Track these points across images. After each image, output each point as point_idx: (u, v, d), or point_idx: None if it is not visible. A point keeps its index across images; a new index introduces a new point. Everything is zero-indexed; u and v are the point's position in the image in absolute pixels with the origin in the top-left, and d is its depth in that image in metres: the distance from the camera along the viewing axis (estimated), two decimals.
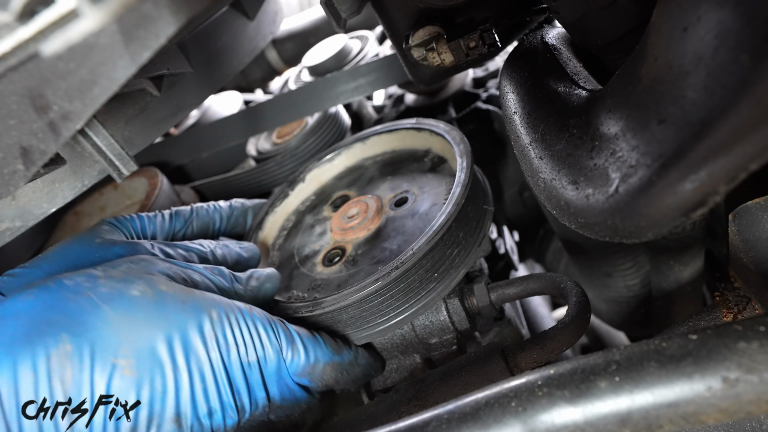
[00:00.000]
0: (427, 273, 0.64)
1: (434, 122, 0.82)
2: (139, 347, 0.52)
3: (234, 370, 0.56)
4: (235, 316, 0.57)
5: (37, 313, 0.51)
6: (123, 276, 0.55)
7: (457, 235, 0.66)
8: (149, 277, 0.56)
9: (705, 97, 0.37)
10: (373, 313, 0.64)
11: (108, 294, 0.53)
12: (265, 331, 0.58)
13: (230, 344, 0.56)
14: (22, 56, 0.35)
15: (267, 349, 0.58)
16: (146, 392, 0.51)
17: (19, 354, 0.48)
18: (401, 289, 0.63)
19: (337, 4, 0.62)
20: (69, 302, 0.52)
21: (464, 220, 0.67)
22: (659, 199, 0.39)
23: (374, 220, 0.75)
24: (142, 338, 0.52)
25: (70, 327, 0.50)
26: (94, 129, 0.56)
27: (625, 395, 0.36)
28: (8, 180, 0.44)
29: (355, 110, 1.21)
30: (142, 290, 0.54)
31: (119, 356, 0.51)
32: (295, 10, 1.79)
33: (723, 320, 0.61)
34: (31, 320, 0.50)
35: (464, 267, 0.66)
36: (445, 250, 0.65)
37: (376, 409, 0.61)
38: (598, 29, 0.57)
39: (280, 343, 0.59)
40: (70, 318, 0.51)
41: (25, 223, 0.64)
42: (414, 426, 0.41)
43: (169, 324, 0.53)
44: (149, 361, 0.52)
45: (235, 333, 0.57)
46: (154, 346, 0.52)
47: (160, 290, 0.55)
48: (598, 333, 1.35)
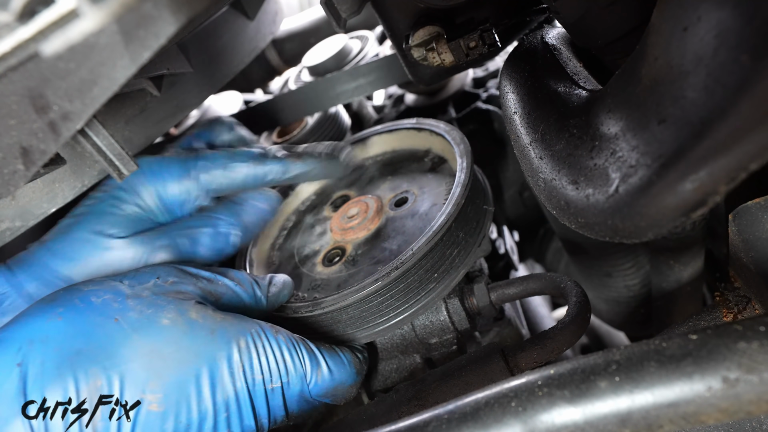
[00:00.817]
0: (426, 273, 0.64)
1: (434, 122, 0.82)
2: (167, 381, 0.51)
3: (258, 396, 0.56)
4: (263, 343, 0.57)
5: (66, 340, 0.49)
6: (152, 299, 0.54)
7: (457, 236, 0.66)
8: (179, 302, 0.55)
9: (705, 97, 0.37)
10: (373, 313, 0.64)
11: (137, 321, 0.52)
12: (291, 357, 0.58)
13: (256, 373, 0.56)
14: (22, 56, 0.35)
15: (291, 375, 0.58)
16: (170, 424, 0.51)
17: (49, 388, 0.47)
18: (401, 289, 0.63)
19: (337, 4, 0.62)
20: (98, 329, 0.51)
21: (464, 221, 0.67)
22: (659, 199, 0.39)
23: (374, 220, 0.75)
24: (171, 372, 0.51)
25: (100, 359, 0.49)
26: (94, 129, 0.56)
27: (625, 395, 0.36)
28: (8, 180, 0.44)
29: (355, 110, 1.21)
30: (172, 319, 0.53)
31: (147, 391, 0.50)
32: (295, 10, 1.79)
33: (723, 320, 0.61)
34: (61, 348, 0.49)
35: (464, 267, 0.66)
36: (445, 251, 0.65)
37: (376, 409, 0.61)
38: (598, 29, 0.57)
39: (304, 369, 0.59)
40: (99, 349, 0.50)
41: (25, 223, 0.64)
42: (414, 426, 0.41)
43: (198, 357, 0.53)
44: (176, 395, 0.51)
45: (261, 362, 0.56)
46: (181, 380, 0.52)
47: (190, 319, 0.54)
48: (598, 333, 1.35)
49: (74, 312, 0.51)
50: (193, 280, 0.59)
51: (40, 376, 0.47)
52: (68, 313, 0.51)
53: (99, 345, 0.50)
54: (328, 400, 0.61)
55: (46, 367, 0.48)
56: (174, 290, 0.57)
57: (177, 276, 0.58)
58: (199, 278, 0.60)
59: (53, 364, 0.48)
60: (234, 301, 0.61)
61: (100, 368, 0.49)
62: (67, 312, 0.51)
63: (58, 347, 0.49)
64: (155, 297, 0.55)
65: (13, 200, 0.65)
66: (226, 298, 0.61)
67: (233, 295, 0.61)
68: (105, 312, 0.52)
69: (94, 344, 0.50)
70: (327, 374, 0.60)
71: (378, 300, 0.63)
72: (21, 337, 0.49)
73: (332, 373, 0.60)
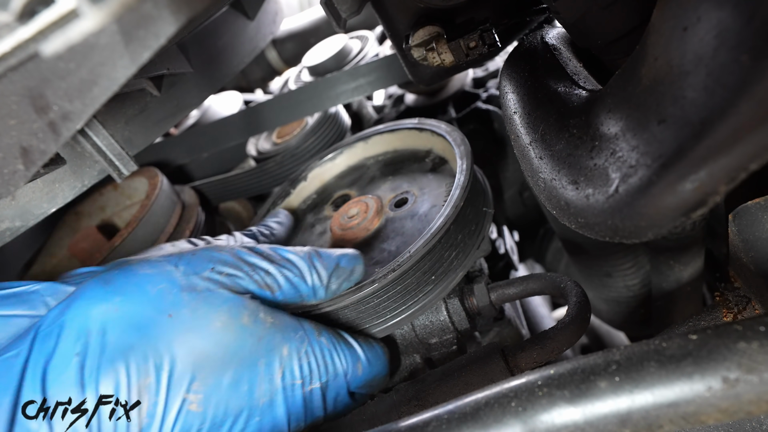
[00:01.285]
0: (424, 275, 0.64)
1: (436, 123, 0.82)
2: (209, 383, 0.52)
3: (294, 401, 0.56)
4: (305, 349, 0.57)
5: (121, 333, 0.51)
6: (206, 294, 0.54)
7: (456, 238, 0.66)
8: (232, 302, 0.55)
9: (705, 97, 0.37)
10: (370, 315, 0.64)
11: (190, 321, 0.53)
12: (331, 359, 0.58)
13: (296, 377, 0.56)
14: (22, 56, 0.35)
15: (330, 375, 0.58)
16: (206, 426, 0.52)
17: (103, 380, 0.49)
18: (398, 291, 0.63)
19: (337, 4, 0.62)
20: (151, 325, 0.52)
21: (463, 223, 0.67)
22: (659, 199, 0.39)
23: (374, 220, 0.75)
24: (215, 375, 0.52)
25: (152, 356, 0.51)
26: (94, 129, 0.56)
27: (625, 395, 0.36)
28: (8, 180, 0.44)
29: (355, 110, 1.21)
30: (224, 322, 0.54)
31: (191, 392, 0.51)
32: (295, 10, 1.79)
33: (723, 320, 0.61)
34: (116, 342, 0.50)
35: (462, 269, 0.66)
36: (443, 253, 0.65)
37: (376, 409, 0.61)
38: (598, 29, 0.57)
39: (344, 366, 0.59)
40: (152, 346, 0.51)
41: (25, 223, 0.64)
42: (414, 426, 0.41)
43: (242, 363, 0.54)
44: (216, 398, 0.52)
45: (302, 366, 0.57)
46: (223, 383, 0.53)
47: (241, 325, 0.54)
48: (598, 333, 1.35)
49: (130, 303, 0.52)
50: (249, 271, 0.58)
51: (96, 367, 0.49)
52: (125, 305, 0.52)
53: (151, 342, 0.51)
54: (365, 391, 0.63)
55: (102, 360, 0.49)
56: (229, 283, 0.56)
57: (233, 267, 0.58)
58: (257, 269, 0.58)
59: (108, 357, 0.49)
60: (289, 294, 0.60)
61: (152, 366, 0.50)
62: (123, 303, 0.52)
63: (113, 340, 0.50)
64: (209, 293, 0.55)
65: (13, 200, 0.65)
66: (282, 291, 0.60)
67: (290, 287, 0.60)
68: (159, 306, 0.53)
69: (147, 340, 0.51)
70: (366, 366, 0.61)
71: (375, 302, 0.63)
72: (79, 325, 0.51)
73: (371, 364, 0.61)
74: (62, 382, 0.48)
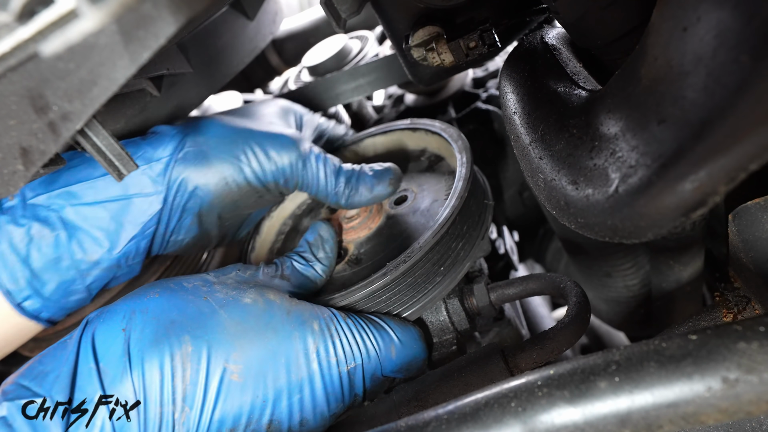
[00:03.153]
0: (433, 267, 0.65)
1: (429, 121, 0.82)
2: (248, 354, 0.55)
3: (333, 379, 0.58)
4: (335, 326, 0.59)
5: (162, 312, 0.56)
6: (235, 284, 0.60)
7: (461, 229, 0.67)
8: (258, 286, 0.61)
9: (705, 97, 0.37)
10: (381, 309, 0.65)
11: (224, 300, 0.58)
12: (362, 338, 0.60)
13: (330, 356, 0.58)
14: (22, 56, 0.35)
15: (365, 356, 0.59)
16: (248, 397, 0.54)
17: (147, 351, 0.53)
18: (408, 283, 0.64)
19: (337, 4, 0.62)
20: (190, 304, 0.57)
21: (467, 214, 0.68)
22: (659, 200, 0.39)
23: (375, 218, 0.75)
24: (252, 346, 0.55)
25: (191, 329, 0.55)
26: (93, 129, 0.56)
27: (625, 395, 0.36)
28: (8, 180, 0.44)
29: (355, 110, 1.21)
30: (253, 298, 0.59)
31: (230, 361, 0.54)
32: (295, 10, 1.79)
33: (723, 320, 0.61)
34: (158, 318, 0.55)
35: (469, 260, 0.67)
36: (450, 244, 0.66)
37: (376, 409, 0.61)
38: (598, 29, 0.57)
39: (377, 348, 0.60)
40: (191, 320, 0.55)
41: None
42: (414, 426, 0.41)
43: (276, 335, 0.57)
44: (255, 369, 0.55)
45: (336, 344, 0.58)
46: (261, 355, 0.55)
47: (268, 300, 0.59)
48: (598, 333, 1.35)
49: (169, 291, 0.58)
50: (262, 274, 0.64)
51: (140, 339, 0.53)
52: (164, 292, 0.58)
53: (190, 317, 0.55)
54: (402, 375, 0.63)
55: (146, 333, 0.54)
56: (252, 279, 0.63)
57: (252, 269, 0.65)
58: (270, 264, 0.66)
59: (152, 330, 0.54)
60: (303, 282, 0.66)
61: (192, 336, 0.54)
62: (163, 291, 0.58)
63: (155, 317, 0.55)
64: (238, 283, 0.61)
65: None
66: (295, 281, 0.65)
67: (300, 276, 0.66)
68: (195, 292, 0.58)
69: (186, 316, 0.55)
70: (400, 348, 0.62)
71: (386, 295, 0.64)
72: (125, 308, 0.56)
73: (405, 346, 0.62)
74: (112, 354, 0.52)
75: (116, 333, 0.54)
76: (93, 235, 0.64)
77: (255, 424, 0.54)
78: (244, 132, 0.72)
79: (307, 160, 0.73)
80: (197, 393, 0.52)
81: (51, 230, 0.62)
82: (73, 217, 0.64)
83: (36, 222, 0.62)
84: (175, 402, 0.52)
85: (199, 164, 0.69)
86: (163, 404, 0.51)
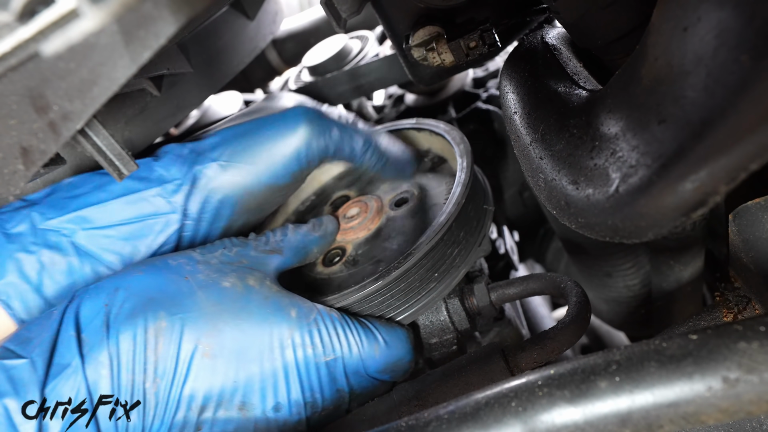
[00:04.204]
0: (427, 272, 0.64)
1: (434, 122, 0.82)
2: (221, 336, 0.56)
3: (308, 370, 0.58)
4: (314, 317, 0.60)
5: (143, 289, 0.57)
6: (219, 266, 0.61)
7: (458, 235, 0.66)
8: (240, 270, 0.61)
9: (705, 97, 0.37)
10: (374, 313, 0.64)
11: (204, 281, 0.59)
12: (344, 331, 0.60)
13: (306, 346, 0.58)
14: (22, 56, 0.35)
15: (344, 349, 0.59)
16: (219, 379, 0.55)
17: (124, 324, 0.54)
18: (401, 288, 0.63)
19: (337, 4, 0.62)
20: (170, 284, 0.58)
21: (465, 220, 0.67)
22: (659, 199, 0.39)
23: (374, 220, 0.75)
24: (226, 327, 0.56)
25: (168, 307, 0.56)
26: (94, 129, 0.56)
27: (626, 395, 0.36)
28: (8, 180, 0.44)
29: (355, 110, 1.21)
30: (232, 282, 0.59)
31: (202, 338, 0.55)
32: (295, 10, 1.79)
33: (723, 320, 0.61)
34: (138, 295, 0.57)
35: (465, 266, 0.66)
36: (446, 250, 0.65)
37: (376, 409, 0.61)
38: (598, 29, 0.57)
39: (359, 343, 0.60)
40: (169, 298, 0.57)
41: None
42: (414, 426, 0.41)
43: (250, 316, 0.58)
44: (227, 350, 0.56)
45: (312, 335, 0.59)
46: (233, 337, 0.56)
47: (247, 285, 0.60)
48: (598, 333, 1.35)
49: (153, 269, 0.59)
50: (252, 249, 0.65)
51: (119, 314, 0.55)
52: (148, 269, 0.59)
53: (168, 295, 0.57)
54: (388, 376, 0.63)
55: (124, 308, 0.55)
56: (237, 259, 0.63)
57: (240, 245, 0.65)
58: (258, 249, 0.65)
59: (130, 306, 0.56)
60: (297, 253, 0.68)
61: (167, 313, 0.56)
62: (147, 269, 0.59)
63: (136, 294, 0.57)
64: (221, 264, 0.61)
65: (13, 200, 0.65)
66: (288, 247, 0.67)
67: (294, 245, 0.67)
68: (178, 271, 0.59)
69: (165, 294, 0.57)
70: (384, 348, 0.61)
71: (379, 300, 0.63)
72: (111, 285, 0.58)
73: (389, 346, 0.62)
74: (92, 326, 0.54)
75: (99, 307, 0.56)
76: (106, 259, 0.64)
77: (226, 405, 0.56)
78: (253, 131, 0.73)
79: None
80: (167, 365, 0.54)
81: (63, 256, 0.62)
82: (85, 242, 0.63)
83: (47, 249, 0.61)
84: (146, 371, 0.53)
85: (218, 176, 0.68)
86: (135, 372, 0.53)
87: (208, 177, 0.68)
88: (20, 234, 0.62)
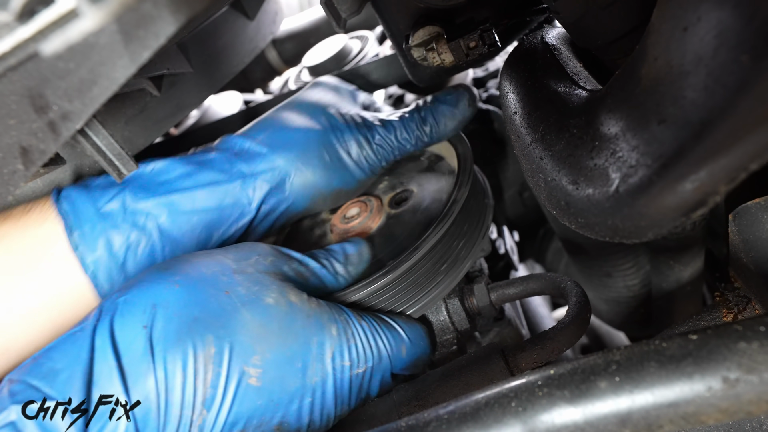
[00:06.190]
0: (434, 266, 0.65)
1: None
2: (267, 358, 0.53)
3: (342, 383, 0.58)
4: (351, 330, 0.59)
5: (184, 307, 0.53)
6: (256, 276, 0.58)
7: (462, 227, 0.67)
8: (280, 283, 0.58)
9: (705, 97, 0.37)
10: (385, 307, 0.65)
11: (246, 297, 0.55)
12: (375, 341, 0.60)
13: (345, 360, 0.57)
14: (22, 56, 0.35)
15: (376, 358, 0.60)
16: (262, 401, 0.53)
17: (170, 351, 0.50)
18: (410, 282, 0.64)
19: (337, 4, 0.62)
20: (211, 300, 0.54)
21: (468, 213, 0.68)
22: (659, 199, 0.39)
23: (375, 218, 0.75)
24: (272, 349, 0.54)
25: (214, 328, 0.52)
26: (94, 129, 0.56)
27: (625, 395, 0.36)
28: (8, 180, 0.44)
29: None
30: (276, 298, 0.56)
31: (250, 364, 0.53)
32: (295, 10, 1.79)
33: (723, 320, 0.61)
34: (180, 314, 0.52)
35: (470, 259, 0.67)
36: (451, 242, 0.66)
37: (376, 409, 0.61)
38: (598, 29, 0.57)
39: (389, 350, 0.60)
40: (214, 318, 0.53)
41: None
42: (414, 426, 0.41)
43: (296, 339, 0.55)
44: (273, 372, 0.53)
45: (351, 350, 0.58)
46: (280, 358, 0.54)
47: (290, 301, 0.57)
48: (598, 333, 1.35)
49: (189, 281, 0.55)
50: (287, 261, 0.62)
51: (163, 338, 0.50)
52: (184, 282, 0.55)
53: (213, 314, 0.53)
54: (408, 372, 0.64)
55: (168, 330, 0.51)
56: (273, 270, 0.60)
57: (274, 255, 0.62)
58: (292, 259, 0.63)
59: (174, 328, 0.51)
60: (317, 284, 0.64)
61: (214, 336, 0.52)
62: (183, 281, 0.55)
63: (177, 313, 0.52)
64: (258, 275, 0.58)
65: (13, 200, 0.65)
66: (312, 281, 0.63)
67: (317, 279, 0.64)
68: (216, 284, 0.55)
69: (209, 313, 0.53)
70: (410, 347, 0.62)
71: (387, 294, 0.64)
72: (145, 301, 0.52)
73: (414, 345, 0.62)
74: (133, 352, 0.49)
75: (137, 328, 0.51)
76: (184, 243, 0.65)
77: (265, 426, 0.54)
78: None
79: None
80: (216, 396, 0.51)
81: (147, 237, 0.63)
82: (169, 226, 0.64)
83: (135, 228, 0.63)
84: (195, 405, 0.50)
85: (296, 175, 0.71)
86: (183, 406, 0.50)
87: (288, 174, 0.70)
88: (112, 212, 0.62)
